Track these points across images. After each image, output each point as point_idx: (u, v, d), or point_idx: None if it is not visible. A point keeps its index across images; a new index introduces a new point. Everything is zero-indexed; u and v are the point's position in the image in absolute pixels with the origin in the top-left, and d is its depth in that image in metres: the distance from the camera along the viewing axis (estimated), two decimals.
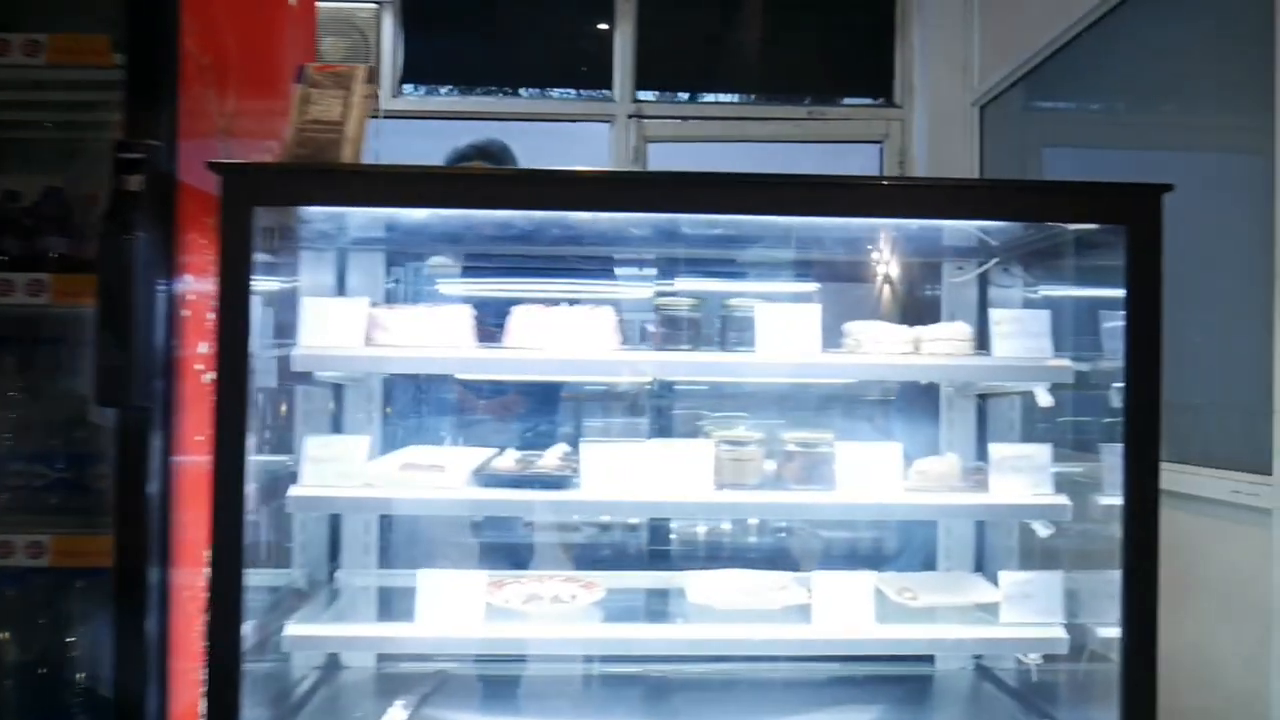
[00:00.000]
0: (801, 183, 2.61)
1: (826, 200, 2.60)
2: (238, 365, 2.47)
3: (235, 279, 2.47)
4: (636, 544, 3.49)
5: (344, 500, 2.75)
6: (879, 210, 2.62)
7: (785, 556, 3.43)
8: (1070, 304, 3.16)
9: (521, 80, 6.65)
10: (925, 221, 2.83)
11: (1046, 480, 2.83)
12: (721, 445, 2.86)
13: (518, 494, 2.76)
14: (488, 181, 2.61)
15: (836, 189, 2.61)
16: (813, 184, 2.58)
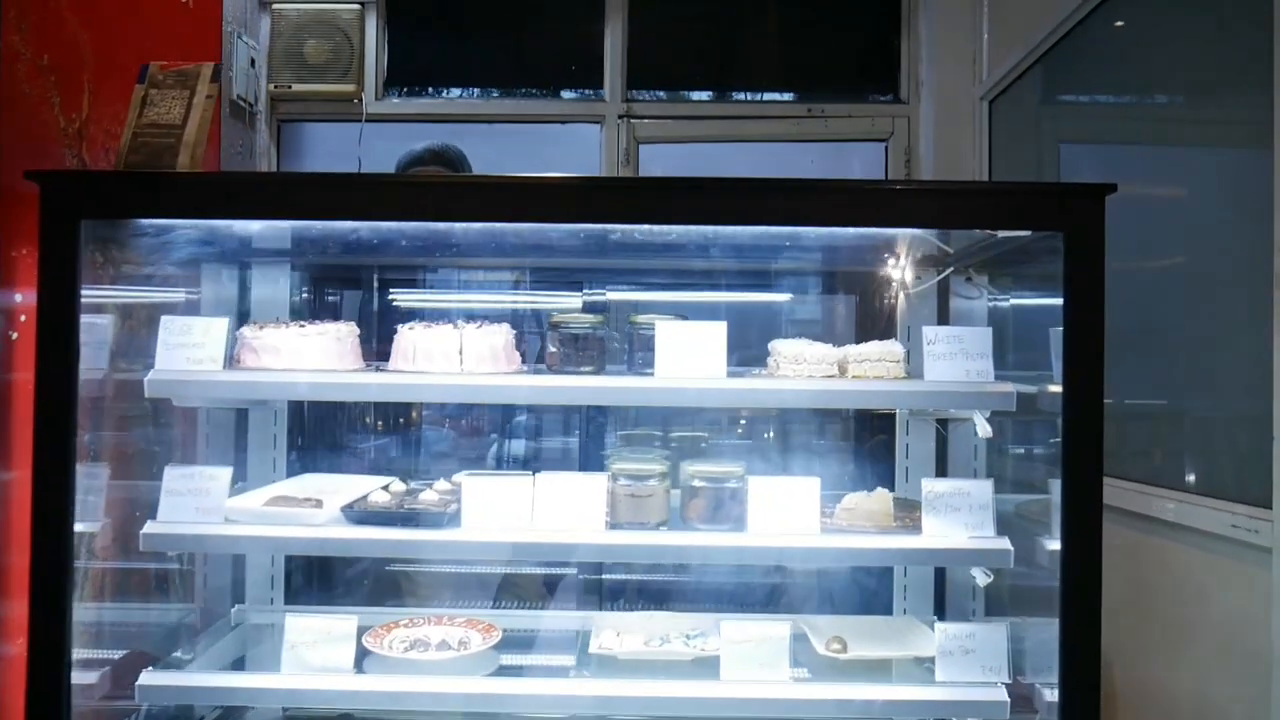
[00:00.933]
0: (682, 186, 2.31)
1: (715, 207, 2.29)
2: (59, 391, 2.26)
3: (57, 297, 2.25)
4: (549, 579, 3.22)
5: (200, 538, 2.52)
6: (773, 217, 2.31)
7: (709, 593, 3.12)
8: (1037, 317, 2.81)
9: (509, 81, 6.40)
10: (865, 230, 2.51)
11: (987, 520, 2.49)
12: (619, 480, 2.57)
13: (389, 533, 2.50)
14: (326, 190, 2.35)
15: (729, 193, 2.31)
16: (695, 187, 2.29)
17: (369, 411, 3.40)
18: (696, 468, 2.57)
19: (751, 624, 2.51)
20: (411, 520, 2.52)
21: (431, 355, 2.60)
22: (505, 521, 2.50)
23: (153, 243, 2.73)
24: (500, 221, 2.36)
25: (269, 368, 2.60)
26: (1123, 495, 3.68)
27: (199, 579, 3.19)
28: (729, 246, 3.05)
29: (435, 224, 2.47)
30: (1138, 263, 3.95)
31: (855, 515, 2.60)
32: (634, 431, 3.21)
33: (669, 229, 2.50)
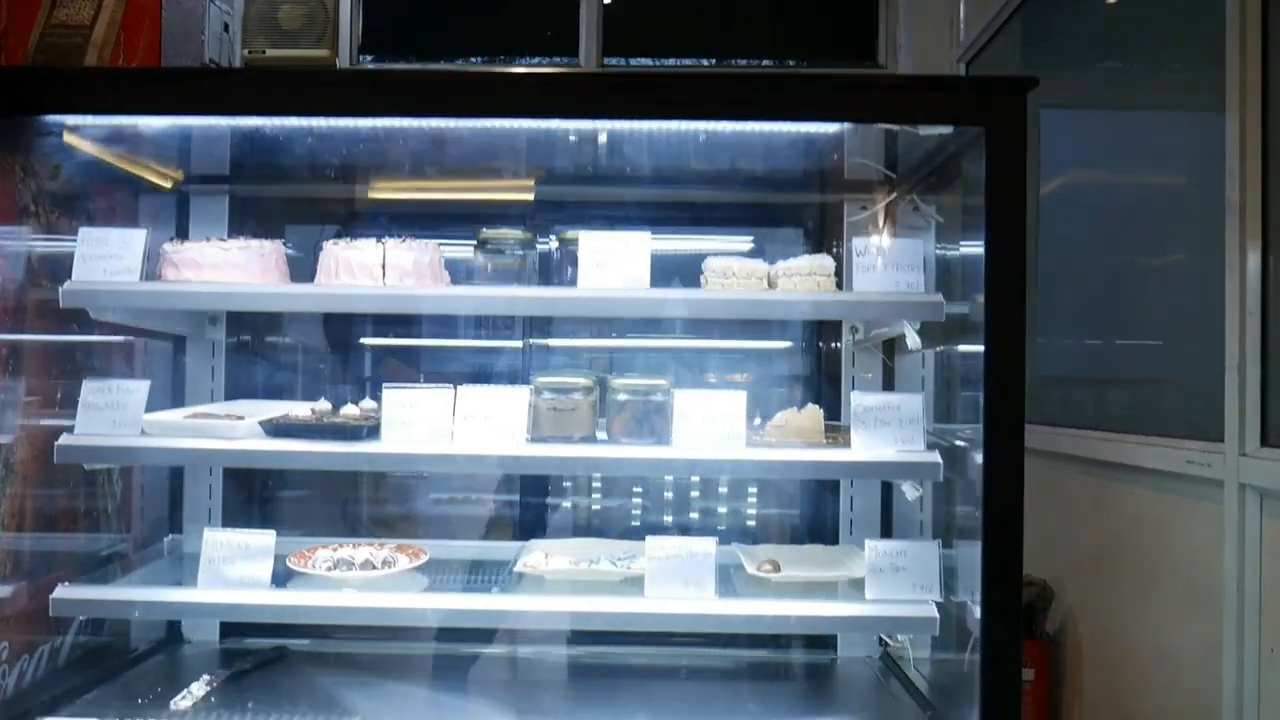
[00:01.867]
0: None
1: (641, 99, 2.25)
2: None
3: None
4: (485, 514, 3.17)
5: (116, 450, 2.48)
6: (669, 109, 2.25)
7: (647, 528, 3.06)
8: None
9: (484, 49, 6.36)
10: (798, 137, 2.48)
11: (917, 435, 2.43)
12: (543, 394, 2.52)
13: (307, 445, 2.45)
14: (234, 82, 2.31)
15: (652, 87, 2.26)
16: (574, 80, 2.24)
17: (311, 342, 3.36)
18: (622, 381, 2.52)
19: (677, 540, 2.45)
20: (329, 433, 2.47)
21: (353, 269, 2.55)
22: (426, 434, 2.46)
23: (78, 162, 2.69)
24: (433, 116, 2.31)
25: (188, 280, 2.56)
26: (1083, 444, 3.63)
27: (134, 510, 3.15)
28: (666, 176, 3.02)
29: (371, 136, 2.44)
30: (1097, 230, 3.92)
31: (785, 432, 2.55)
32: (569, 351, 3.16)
33: (613, 153, 2.47)
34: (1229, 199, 2.87)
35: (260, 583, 2.45)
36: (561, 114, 2.27)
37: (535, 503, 3.17)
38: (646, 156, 2.99)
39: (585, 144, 2.87)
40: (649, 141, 2.75)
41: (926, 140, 2.64)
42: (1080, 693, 3.67)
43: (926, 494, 2.84)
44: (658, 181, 3.12)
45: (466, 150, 2.90)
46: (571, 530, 3.15)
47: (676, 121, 2.32)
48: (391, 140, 2.85)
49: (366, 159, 3.10)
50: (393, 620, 2.48)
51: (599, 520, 3.15)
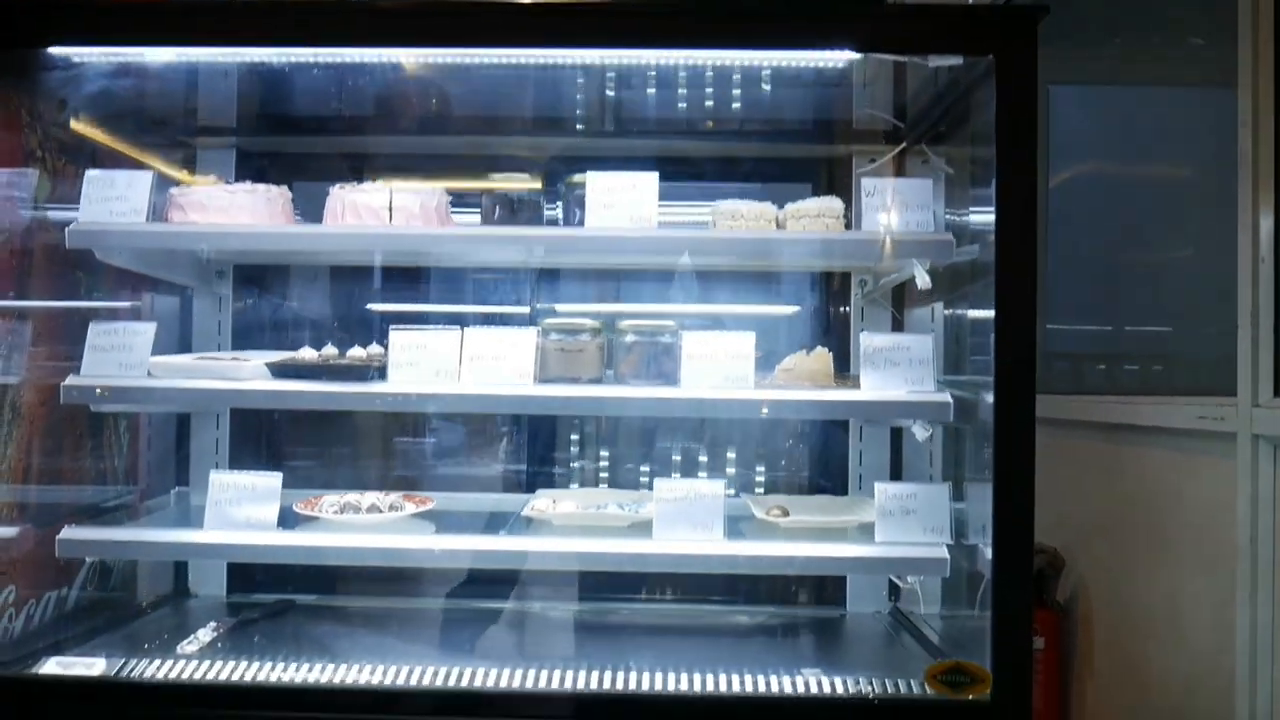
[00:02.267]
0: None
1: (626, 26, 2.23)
2: None
3: None
4: (493, 468, 3.15)
5: (122, 390, 2.46)
6: (676, 35, 2.24)
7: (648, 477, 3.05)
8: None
9: None
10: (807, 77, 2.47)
11: (927, 376, 2.41)
12: (550, 335, 2.51)
13: (312, 386, 2.44)
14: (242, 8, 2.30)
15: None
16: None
17: (319, 295, 3.33)
18: (630, 322, 2.51)
19: (685, 482, 2.44)
20: (335, 373, 2.46)
21: (359, 212, 2.54)
22: (432, 375, 2.44)
23: (85, 101, 2.69)
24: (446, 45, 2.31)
25: (194, 223, 2.55)
26: (1093, 408, 3.60)
27: (142, 462, 3.14)
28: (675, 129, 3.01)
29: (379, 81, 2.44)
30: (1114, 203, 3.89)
31: (795, 375, 2.53)
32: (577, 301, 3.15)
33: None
34: (1241, 149, 2.84)
35: (267, 524, 2.45)
36: (563, 40, 2.26)
37: (544, 454, 3.15)
38: (655, 106, 2.97)
39: (592, 87, 2.86)
40: (659, 85, 2.74)
41: (935, 84, 2.63)
42: (1091, 660, 3.63)
43: (936, 442, 2.82)
44: (666, 134, 3.11)
45: (472, 97, 2.89)
46: (580, 482, 3.12)
47: (684, 50, 2.29)
48: (398, 87, 2.83)
49: (374, 107, 3.08)
50: (399, 561, 2.46)
51: (607, 472, 3.13)
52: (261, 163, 3.26)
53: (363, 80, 2.75)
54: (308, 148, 3.26)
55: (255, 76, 2.80)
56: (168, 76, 2.63)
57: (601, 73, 2.66)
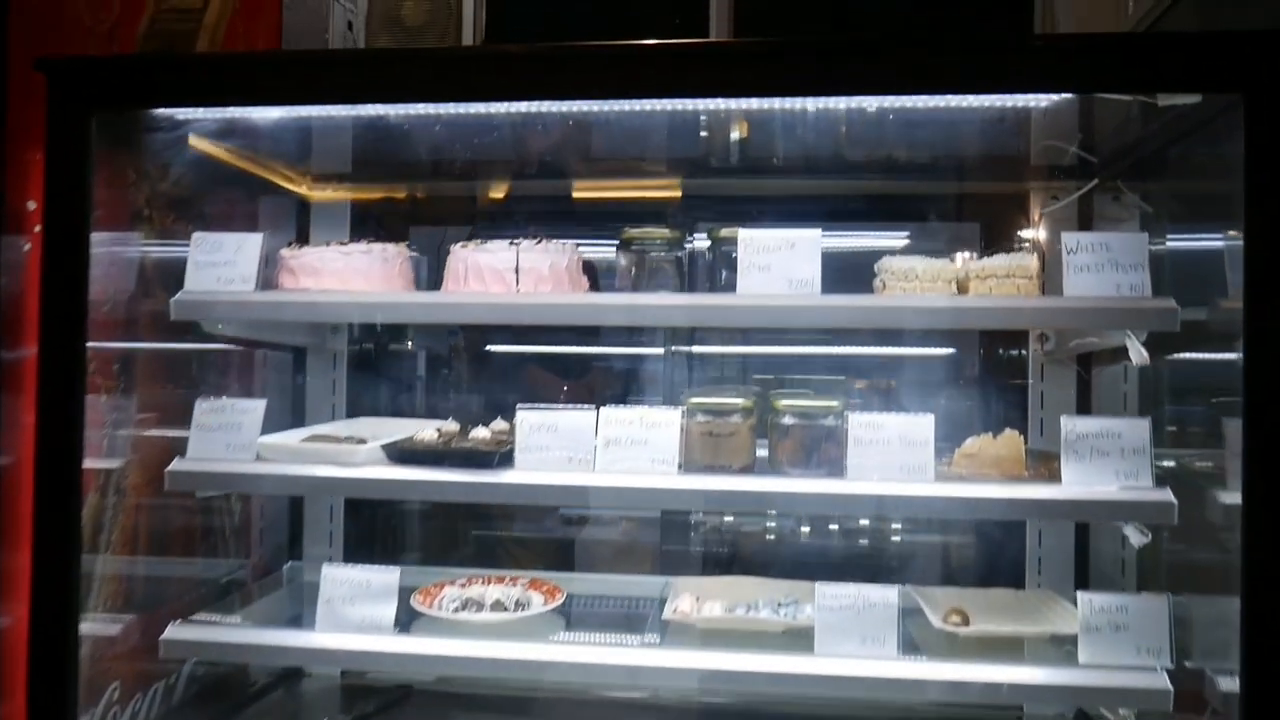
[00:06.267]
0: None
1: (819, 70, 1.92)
2: (65, 320, 2.03)
3: (64, 201, 2.02)
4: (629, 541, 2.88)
5: (229, 476, 2.27)
6: (884, 83, 1.92)
7: (806, 560, 2.71)
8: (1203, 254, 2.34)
9: (611, 33, 6.09)
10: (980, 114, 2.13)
11: (1143, 468, 2.04)
12: (696, 416, 2.21)
13: (432, 474, 2.20)
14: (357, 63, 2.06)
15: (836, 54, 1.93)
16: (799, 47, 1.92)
17: (441, 354, 3.12)
18: (787, 402, 2.19)
19: (851, 587, 2.11)
20: (458, 459, 2.21)
21: (483, 275, 2.29)
22: (564, 462, 2.17)
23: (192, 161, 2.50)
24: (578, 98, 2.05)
25: (306, 289, 2.33)
26: None
27: (254, 533, 2.96)
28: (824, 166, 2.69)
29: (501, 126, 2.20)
30: None
31: (978, 462, 2.18)
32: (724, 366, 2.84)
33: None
34: None
35: (383, 625, 2.21)
36: (716, 88, 1.97)
37: (683, 529, 2.86)
38: (802, 143, 2.65)
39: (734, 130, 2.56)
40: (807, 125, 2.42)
41: (1142, 113, 2.24)
42: None
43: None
44: (814, 172, 2.79)
45: (605, 140, 2.63)
46: (724, 563, 2.82)
47: (859, 98, 1.97)
48: (523, 132, 2.59)
49: (496, 154, 2.85)
50: (525, 673, 2.20)
51: (754, 549, 2.82)
52: (379, 213, 3.07)
53: (487, 126, 2.50)
54: (426, 194, 3.05)
55: (372, 126, 2.59)
56: (280, 128, 2.42)
57: (744, 115, 2.35)
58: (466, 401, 3.06)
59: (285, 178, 2.90)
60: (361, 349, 3.02)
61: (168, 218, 2.57)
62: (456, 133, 2.60)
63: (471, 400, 3.07)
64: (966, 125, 2.66)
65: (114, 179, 2.35)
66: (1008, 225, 2.81)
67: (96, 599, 2.32)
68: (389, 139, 2.80)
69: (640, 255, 2.34)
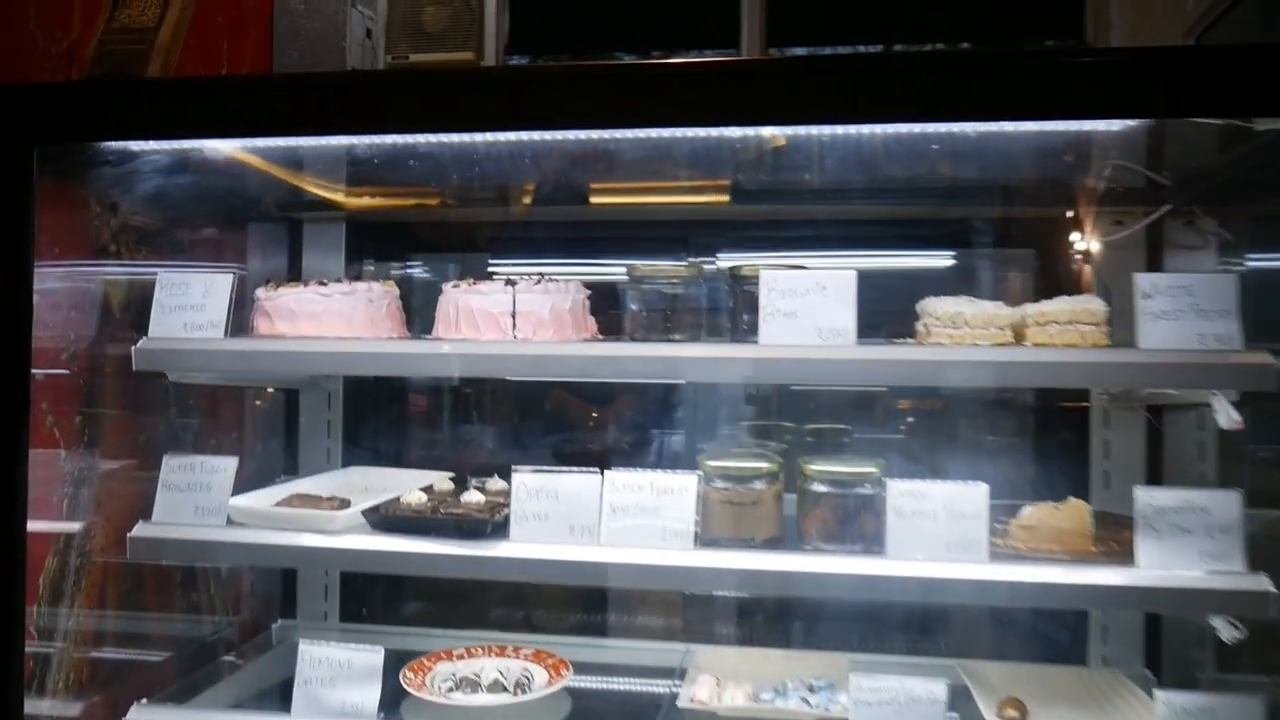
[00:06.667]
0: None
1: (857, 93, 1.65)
2: (6, 366, 1.80)
3: (3, 248, 1.80)
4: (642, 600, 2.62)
5: (194, 545, 2.04)
6: (922, 107, 1.65)
7: (839, 620, 2.43)
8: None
9: (638, 47, 5.84)
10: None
11: (1234, 549, 1.75)
12: (714, 481, 1.95)
13: (415, 545, 1.96)
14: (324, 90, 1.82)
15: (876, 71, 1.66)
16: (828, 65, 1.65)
17: (442, 395, 2.89)
18: (818, 467, 1.93)
19: (892, 679, 1.84)
20: (446, 528, 1.97)
21: (476, 319, 2.05)
22: (566, 532, 1.93)
23: (164, 189, 2.28)
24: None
25: (281, 335, 2.10)
26: None
27: (244, 586, 2.75)
28: (856, 188, 2.41)
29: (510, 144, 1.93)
30: None
31: (1038, 535, 1.90)
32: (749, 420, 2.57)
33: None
34: None
35: (365, 712, 1.97)
36: (771, 115, 1.71)
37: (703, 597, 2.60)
38: (836, 163, 2.38)
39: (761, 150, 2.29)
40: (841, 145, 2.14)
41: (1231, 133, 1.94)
42: None
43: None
44: (847, 195, 2.51)
45: (621, 161, 2.37)
46: (748, 629, 2.56)
47: (935, 124, 1.71)
48: (532, 152, 2.34)
49: (501, 174, 2.60)
50: None
51: (778, 614, 2.55)
52: (374, 235, 2.84)
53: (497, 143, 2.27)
54: (427, 219, 2.81)
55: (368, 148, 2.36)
56: (266, 153, 2.20)
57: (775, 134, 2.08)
58: (478, 437, 2.83)
59: (273, 204, 2.68)
60: (359, 386, 2.80)
61: (139, 251, 2.36)
62: (462, 154, 2.36)
63: (484, 436, 2.83)
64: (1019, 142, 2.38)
65: (72, 210, 2.14)
66: (1063, 254, 2.53)
67: (57, 677, 2.12)
68: (385, 160, 2.58)
69: (650, 295, 2.09)
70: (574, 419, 2.88)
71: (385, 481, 2.44)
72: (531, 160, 2.44)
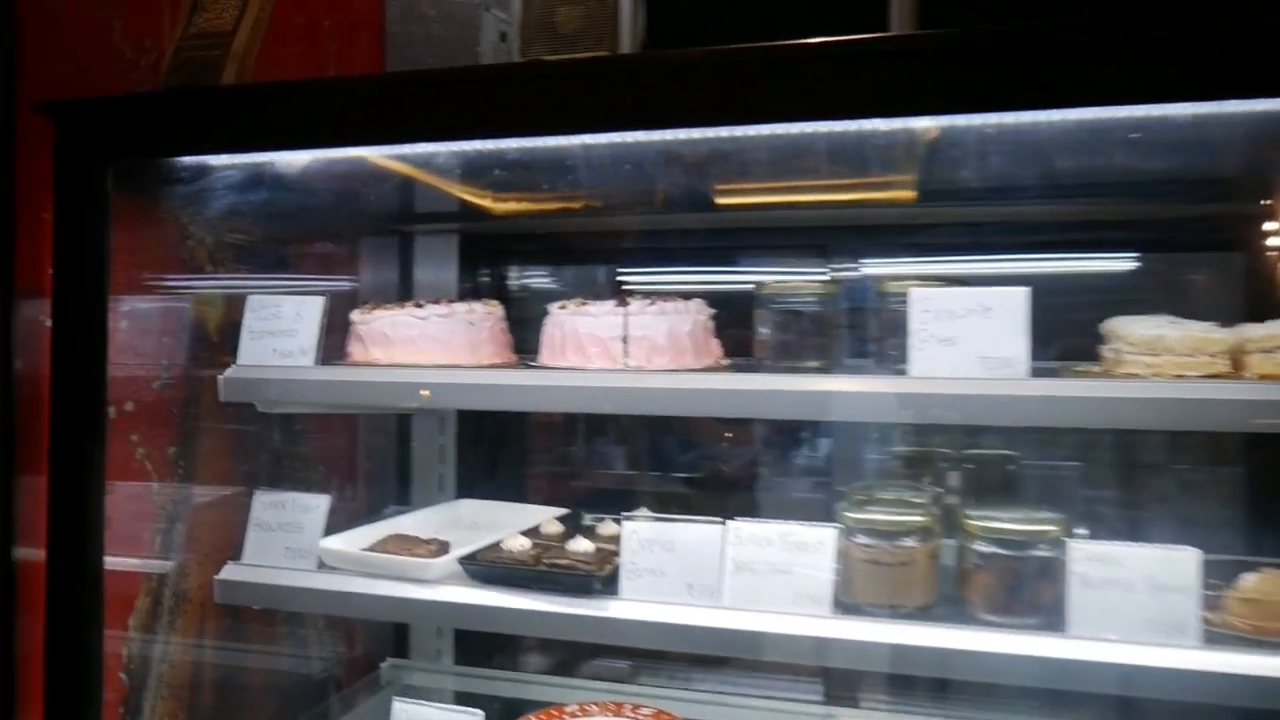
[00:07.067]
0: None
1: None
2: (77, 396, 1.68)
3: (76, 274, 1.68)
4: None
5: (282, 591, 1.88)
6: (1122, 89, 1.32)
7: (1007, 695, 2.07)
8: None
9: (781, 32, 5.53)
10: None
11: None
12: (856, 537, 1.66)
13: (514, 600, 1.74)
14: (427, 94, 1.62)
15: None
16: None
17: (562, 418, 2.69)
18: (983, 523, 1.61)
19: None
20: (549, 583, 1.74)
21: (583, 345, 1.82)
22: (682, 590, 1.67)
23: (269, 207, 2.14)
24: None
25: (375, 362, 1.93)
26: None
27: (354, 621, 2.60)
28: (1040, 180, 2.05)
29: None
30: None
31: (1263, 612, 1.53)
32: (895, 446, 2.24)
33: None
34: None
35: None
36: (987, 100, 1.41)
37: None
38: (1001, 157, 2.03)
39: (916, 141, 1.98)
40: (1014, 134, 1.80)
41: None
42: None
43: None
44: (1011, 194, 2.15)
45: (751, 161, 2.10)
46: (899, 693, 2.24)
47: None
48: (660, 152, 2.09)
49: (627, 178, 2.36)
50: None
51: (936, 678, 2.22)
52: (490, 247, 2.66)
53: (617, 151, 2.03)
54: (541, 231, 2.60)
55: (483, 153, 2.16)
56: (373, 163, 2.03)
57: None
58: (600, 461, 2.61)
59: (381, 217, 2.53)
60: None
61: (240, 268, 2.23)
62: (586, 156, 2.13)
63: (606, 459, 2.61)
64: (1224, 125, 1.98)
65: (162, 229, 2.02)
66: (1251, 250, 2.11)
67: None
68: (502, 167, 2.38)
69: (781, 315, 1.81)
70: (704, 439, 2.63)
71: (496, 517, 2.25)
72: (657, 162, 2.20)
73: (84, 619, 1.75)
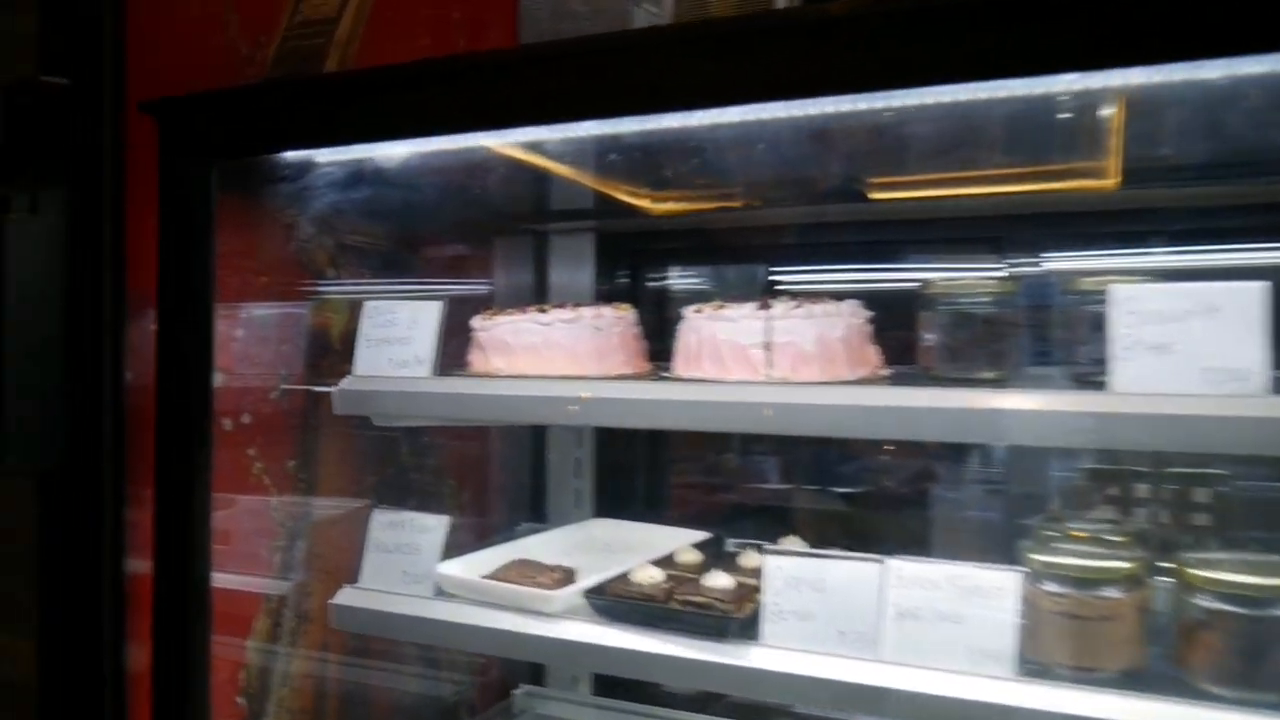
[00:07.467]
0: None
1: None
2: (182, 405, 1.59)
3: (180, 277, 1.58)
4: None
5: (394, 618, 1.74)
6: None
7: None
8: None
9: None
10: None
11: None
12: (1044, 583, 1.38)
13: (645, 642, 1.54)
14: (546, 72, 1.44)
15: None
16: None
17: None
18: (1209, 571, 1.31)
19: None
20: (680, 622, 1.54)
21: (720, 353, 1.60)
22: (834, 638, 1.44)
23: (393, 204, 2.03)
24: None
25: (496, 372, 1.77)
26: None
27: None
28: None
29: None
30: None
31: None
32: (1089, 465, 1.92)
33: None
34: None
35: None
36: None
37: None
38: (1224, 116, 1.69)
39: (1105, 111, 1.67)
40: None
41: None
42: None
43: None
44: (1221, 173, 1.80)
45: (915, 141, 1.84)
46: None
47: None
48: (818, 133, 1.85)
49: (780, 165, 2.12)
50: None
51: None
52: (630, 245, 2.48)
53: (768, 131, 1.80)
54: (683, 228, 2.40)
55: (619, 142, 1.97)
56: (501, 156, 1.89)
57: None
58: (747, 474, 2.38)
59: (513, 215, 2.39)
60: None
61: (362, 273, 2.13)
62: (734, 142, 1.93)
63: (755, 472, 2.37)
64: None
65: (277, 232, 1.92)
66: None
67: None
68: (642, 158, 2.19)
69: (951, 317, 1.55)
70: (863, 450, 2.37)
71: (631, 538, 2.06)
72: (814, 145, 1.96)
73: (190, 636, 1.66)
